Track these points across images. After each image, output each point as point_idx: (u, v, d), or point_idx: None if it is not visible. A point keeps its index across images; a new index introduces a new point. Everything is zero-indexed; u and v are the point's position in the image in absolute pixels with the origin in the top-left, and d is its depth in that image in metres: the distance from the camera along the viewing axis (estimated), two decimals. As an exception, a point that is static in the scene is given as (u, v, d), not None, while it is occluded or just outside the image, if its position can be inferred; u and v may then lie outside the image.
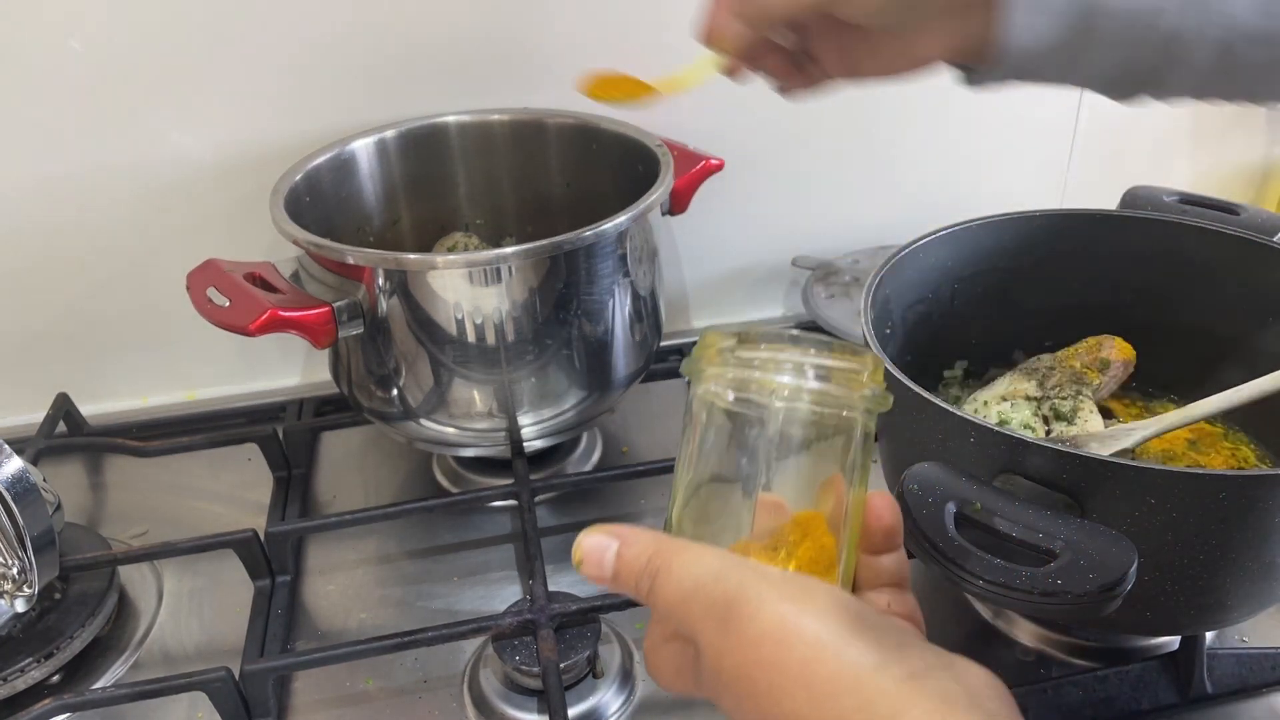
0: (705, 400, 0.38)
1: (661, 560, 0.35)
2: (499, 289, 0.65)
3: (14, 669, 0.62)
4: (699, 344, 0.39)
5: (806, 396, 0.37)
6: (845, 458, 0.38)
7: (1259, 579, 0.52)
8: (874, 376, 0.38)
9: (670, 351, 0.93)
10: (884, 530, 0.38)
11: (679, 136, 0.81)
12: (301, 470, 0.82)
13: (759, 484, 0.38)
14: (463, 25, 0.82)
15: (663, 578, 0.35)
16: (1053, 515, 0.45)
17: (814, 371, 0.37)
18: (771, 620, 0.32)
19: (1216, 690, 0.59)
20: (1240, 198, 0.91)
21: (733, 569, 0.34)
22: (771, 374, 0.37)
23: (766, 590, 0.33)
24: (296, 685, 0.64)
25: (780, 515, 0.37)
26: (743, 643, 0.32)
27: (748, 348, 0.38)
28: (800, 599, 0.32)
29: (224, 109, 0.81)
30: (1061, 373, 0.66)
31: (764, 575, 0.34)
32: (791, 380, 0.37)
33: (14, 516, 0.56)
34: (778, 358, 0.37)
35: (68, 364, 0.89)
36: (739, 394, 0.37)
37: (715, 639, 0.33)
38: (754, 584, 0.33)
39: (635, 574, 0.36)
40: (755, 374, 0.37)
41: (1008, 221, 0.70)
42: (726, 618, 0.33)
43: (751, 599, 0.32)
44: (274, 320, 0.62)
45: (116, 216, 0.83)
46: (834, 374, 0.37)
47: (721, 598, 0.33)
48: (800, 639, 0.31)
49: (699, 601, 0.33)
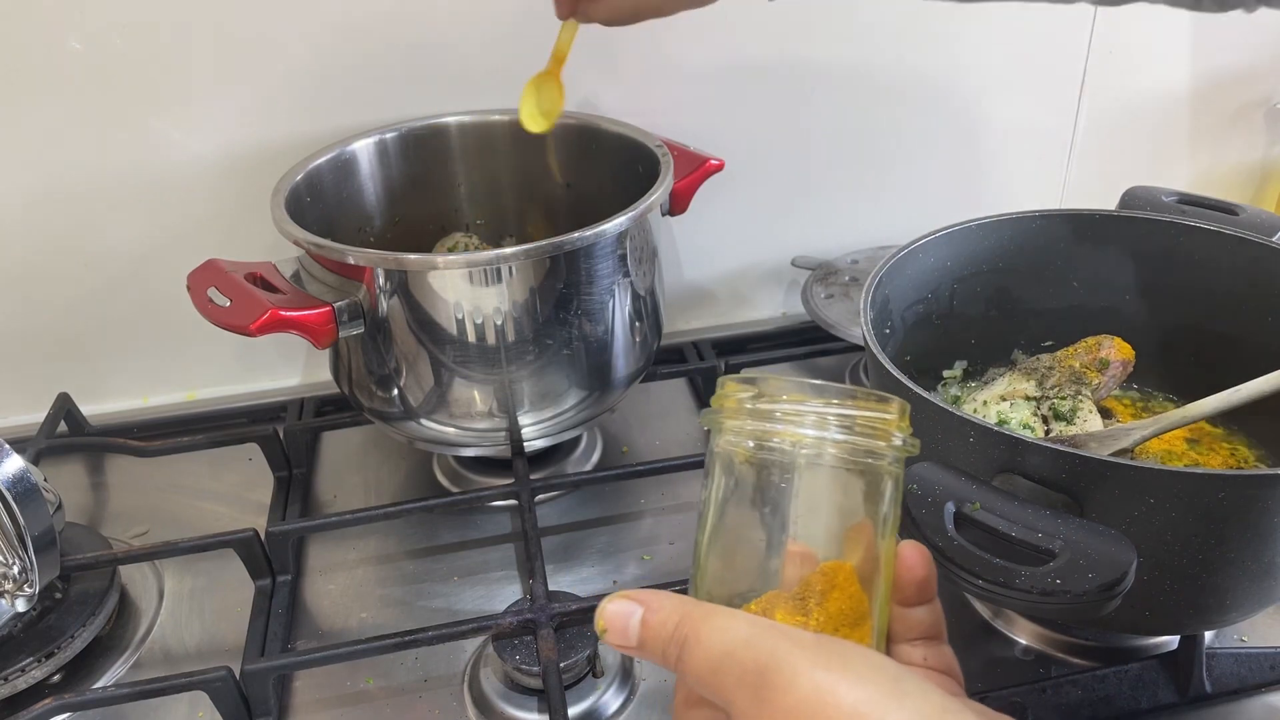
0: (726, 452, 0.38)
1: (690, 627, 0.34)
2: (499, 289, 0.65)
3: (15, 668, 0.62)
4: (717, 394, 0.38)
5: (831, 448, 0.36)
6: (874, 507, 0.37)
7: (1258, 579, 0.52)
8: (901, 423, 0.37)
9: (670, 351, 0.94)
10: (916, 582, 0.37)
11: (679, 136, 0.81)
12: (302, 470, 0.82)
13: (785, 535, 0.37)
14: (463, 25, 0.82)
15: (691, 645, 0.34)
16: (1052, 515, 0.45)
17: (837, 422, 0.36)
18: (807, 689, 0.31)
19: (1216, 690, 0.59)
20: (1240, 198, 0.91)
21: (764, 635, 0.33)
22: (794, 426, 0.36)
23: (801, 657, 0.32)
24: (297, 685, 0.64)
25: (808, 566, 0.36)
26: (777, 713, 0.31)
27: (768, 399, 0.37)
28: (836, 666, 0.31)
29: (224, 109, 0.81)
30: (1061, 372, 0.66)
31: (797, 641, 0.32)
32: (814, 433, 0.36)
33: (15, 516, 0.56)
34: (800, 409, 0.36)
35: (68, 364, 0.89)
36: (761, 446, 0.36)
37: (749, 708, 0.32)
38: (787, 651, 0.32)
39: (663, 642, 0.34)
40: (777, 426, 0.36)
41: (1008, 221, 0.70)
42: (760, 686, 0.32)
43: (785, 667, 0.31)
44: (275, 320, 0.62)
45: (117, 217, 0.84)
46: (858, 423, 0.36)
47: (754, 666, 0.32)
48: (838, 709, 0.30)
49: (731, 671, 0.32)
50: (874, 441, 0.36)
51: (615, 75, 0.86)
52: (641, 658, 0.36)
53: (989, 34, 0.91)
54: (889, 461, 0.37)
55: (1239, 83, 1.01)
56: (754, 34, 0.87)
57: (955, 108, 0.95)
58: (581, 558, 0.73)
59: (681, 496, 0.78)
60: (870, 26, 0.89)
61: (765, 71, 0.89)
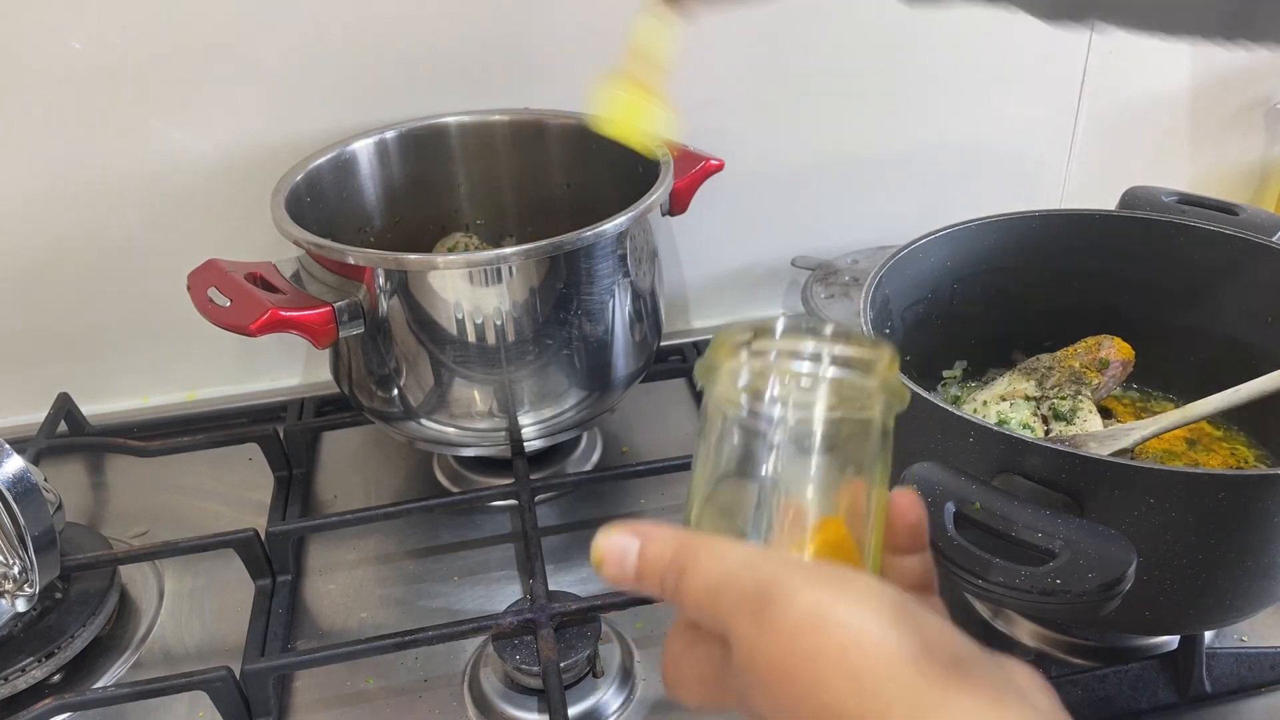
0: (719, 400, 0.38)
1: (688, 555, 0.34)
2: (499, 289, 0.65)
3: (15, 668, 0.62)
4: (712, 343, 0.38)
5: (823, 386, 0.36)
6: (865, 454, 0.36)
7: (1258, 579, 0.52)
8: (890, 368, 0.36)
9: (670, 351, 0.94)
10: (909, 528, 0.37)
11: (679, 137, 0.81)
12: (302, 470, 0.82)
13: (777, 485, 0.36)
14: (463, 25, 0.82)
15: (690, 572, 0.33)
16: (1052, 515, 0.45)
17: (830, 359, 0.36)
18: (807, 607, 0.30)
19: (1216, 690, 0.59)
20: (1240, 198, 0.91)
21: (762, 558, 0.33)
22: (787, 363, 0.36)
23: (801, 578, 0.31)
24: (297, 685, 0.64)
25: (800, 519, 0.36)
26: (778, 632, 0.30)
27: (762, 340, 0.37)
28: (836, 586, 0.31)
29: (224, 109, 0.81)
30: (1061, 372, 0.66)
31: (796, 564, 0.32)
32: (808, 368, 0.36)
33: (15, 516, 0.56)
34: (792, 347, 0.36)
35: (69, 364, 0.89)
36: (754, 390, 0.36)
37: (748, 630, 0.31)
38: (787, 573, 0.31)
39: (660, 571, 0.34)
40: (770, 365, 0.36)
41: (1007, 221, 0.70)
42: (760, 608, 0.31)
43: (785, 587, 0.31)
44: (275, 320, 0.62)
45: (117, 217, 0.84)
46: (851, 362, 0.36)
47: (753, 587, 0.31)
48: (839, 626, 0.30)
49: (729, 593, 0.32)
50: (866, 382, 0.36)
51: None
52: (637, 590, 0.35)
53: (989, 34, 0.91)
54: (880, 405, 0.36)
55: (1239, 83, 1.01)
56: (754, 33, 0.87)
57: (955, 107, 0.95)
58: (581, 558, 0.73)
59: (681, 496, 0.77)
60: (870, 26, 0.89)
61: (765, 71, 0.89)
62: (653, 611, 0.66)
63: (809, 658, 0.30)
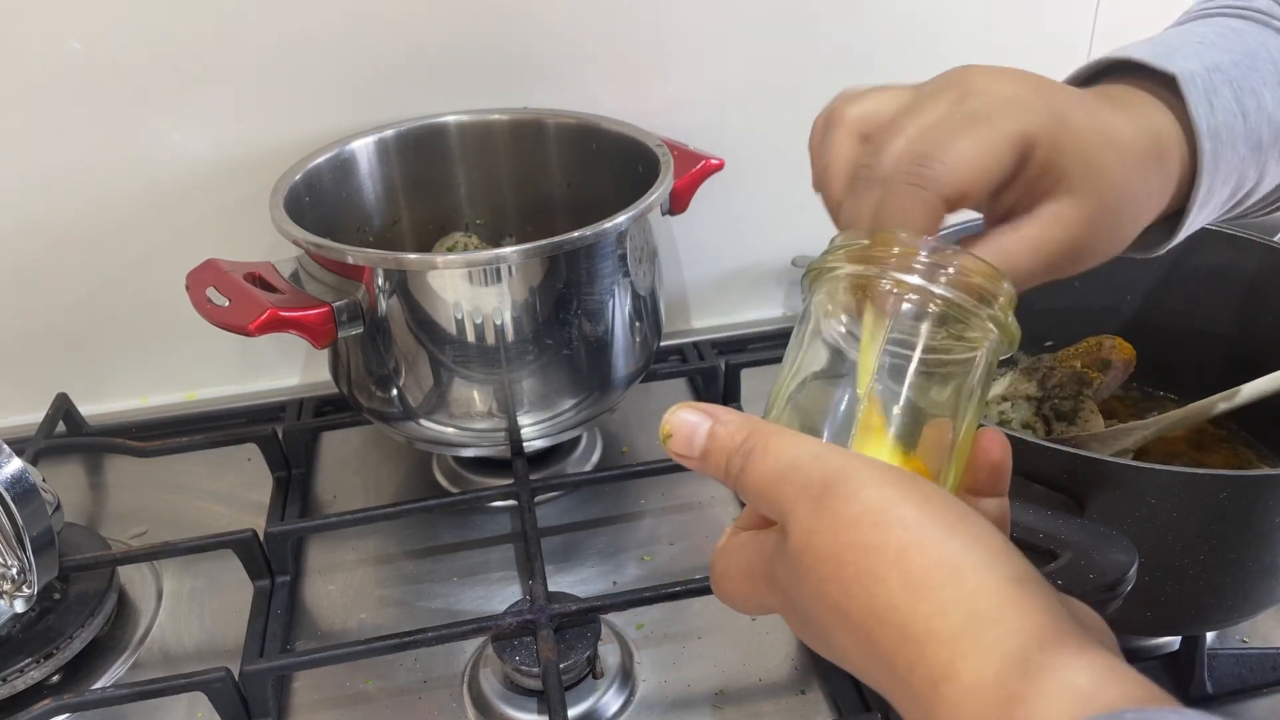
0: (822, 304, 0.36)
1: (758, 439, 0.33)
2: (499, 289, 0.65)
3: (14, 669, 0.62)
4: (829, 246, 0.36)
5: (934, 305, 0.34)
6: (960, 385, 0.35)
7: (1259, 579, 0.52)
8: (1007, 304, 0.35)
9: (670, 351, 0.93)
10: (990, 467, 0.36)
11: (679, 136, 0.81)
12: (301, 470, 0.82)
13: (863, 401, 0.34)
14: (463, 25, 0.82)
15: (757, 456, 0.32)
16: (1053, 515, 0.45)
17: (946, 278, 0.34)
18: (872, 502, 0.29)
19: (1217, 690, 0.59)
20: (1240, 198, 0.91)
21: (833, 452, 0.32)
22: (900, 276, 0.34)
23: (870, 473, 0.30)
24: (296, 685, 0.64)
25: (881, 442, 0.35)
26: (836, 523, 0.30)
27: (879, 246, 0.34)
28: (905, 486, 0.30)
29: (224, 109, 0.81)
30: (1062, 372, 0.66)
31: (867, 461, 0.31)
32: (920, 282, 0.34)
33: (13, 516, 0.56)
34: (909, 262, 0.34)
35: (67, 364, 0.89)
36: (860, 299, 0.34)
37: (807, 518, 0.30)
38: (856, 467, 0.31)
39: (728, 452, 0.33)
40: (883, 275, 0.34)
41: (1008, 221, 0.70)
42: (822, 496, 0.30)
43: (852, 479, 0.30)
44: (274, 320, 0.62)
45: (116, 216, 0.83)
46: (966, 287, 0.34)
47: (819, 477, 0.31)
48: (901, 523, 0.29)
49: (794, 480, 0.31)
50: (979, 308, 0.34)
51: (615, 75, 0.86)
52: (701, 469, 0.34)
53: (990, 32, 0.91)
54: (990, 340, 0.35)
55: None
56: (754, 33, 0.87)
57: (955, 107, 0.95)
58: (581, 558, 0.72)
59: (681, 497, 0.78)
60: (870, 25, 0.89)
61: (765, 71, 0.89)
62: (653, 613, 0.66)
63: (866, 551, 0.29)
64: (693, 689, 0.62)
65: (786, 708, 0.60)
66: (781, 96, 0.90)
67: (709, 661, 0.63)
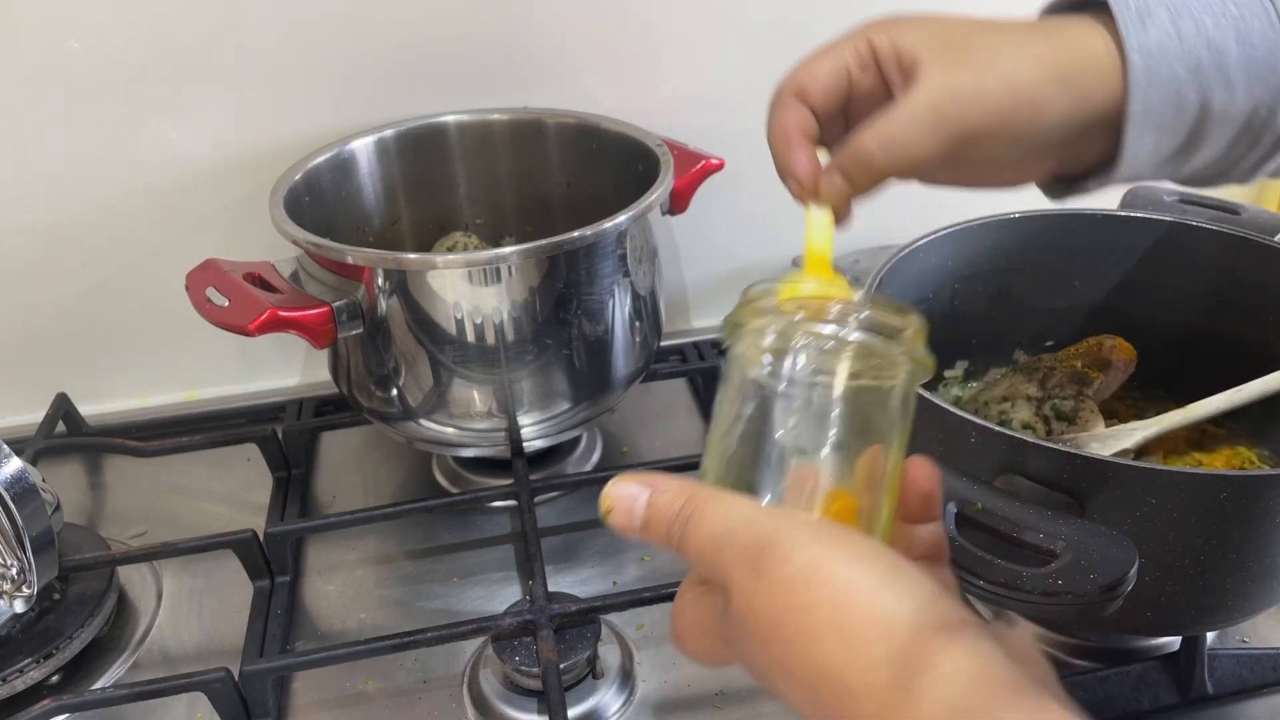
0: (741, 358, 0.37)
1: (694, 506, 0.34)
2: (499, 289, 0.65)
3: (13, 669, 0.62)
4: (740, 301, 0.38)
5: (847, 349, 0.35)
6: (883, 421, 0.36)
7: (1259, 579, 0.52)
8: (916, 336, 0.36)
9: (670, 351, 0.93)
10: (921, 496, 0.37)
11: (679, 136, 0.81)
12: (301, 470, 0.82)
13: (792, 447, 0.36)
14: (462, 25, 0.82)
15: (694, 523, 0.34)
16: (1053, 515, 0.45)
17: (856, 323, 0.35)
18: (804, 563, 0.31)
19: (1217, 691, 0.59)
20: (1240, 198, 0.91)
21: (766, 514, 0.33)
22: (811, 325, 0.36)
23: (801, 534, 0.32)
24: (296, 685, 0.64)
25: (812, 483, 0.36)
26: (773, 586, 0.31)
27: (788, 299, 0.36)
28: (834, 544, 0.32)
29: (224, 109, 0.81)
30: (1062, 373, 0.66)
31: (798, 520, 0.33)
32: (833, 330, 0.35)
33: (13, 517, 0.56)
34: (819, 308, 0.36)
35: (67, 364, 0.88)
36: (776, 350, 0.36)
37: (745, 582, 0.32)
38: (788, 528, 0.32)
39: (667, 521, 0.34)
40: (795, 325, 0.36)
41: (1008, 221, 0.70)
42: (758, 560, 0.32)
43: (784, 542, 0.32)
44: (273, 320, 0.62)
45: (116, 216, 0.83)
46: (876, 327, 0.36)
47: (753, 541, 0.32)
48: (831, 582, 0.30)
49: (731, 545, 0.33)
50: (891, 348, 0.36)
51: (615, 75, 0.86)
52: (645, 539, 0.35)
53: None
54: (904, 373, 0.36)
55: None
56: (754, 33, 0.87)
57: (955, 107, 0.95)
58: (581, 558, 0.72)
59: (681, 497, 0.77)
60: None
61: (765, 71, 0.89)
62: (653, 613, 0.66)
63: (801, 612, 0.31)
64: (693, 689, 0.62)
65: (786, 708, 0.60)
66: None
67: (709, 662, 0.63)
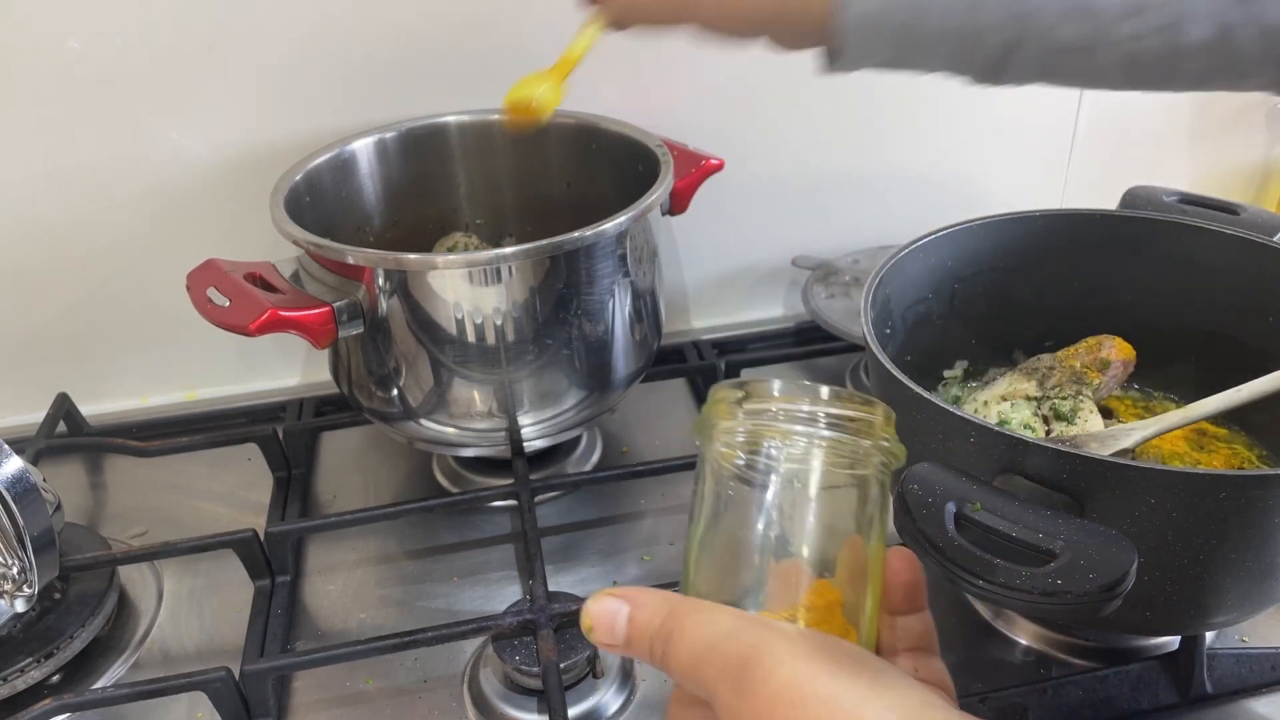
0: (715, 458, 0.37)
1: (675, 622, 0.34)
2: (499, 289, 0.65)
3: (14, 669, 0.62)
4: (708, 401, 0.38)
5: (819, 446, 0.36)
6: (860, 513, 0.36)
7: (1259, 579, 0.52)
8: (886, 427, 0.37)
9: (670, 351, 0.93)
10: (904, 587, 0.37)
11: (679, 136, 0.81)
12: (301, 470, 0.82)
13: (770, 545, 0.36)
14: (463, 25, 0.82)
15: (676, 639, 0.34)
16: (1053, 515, 0.45)
17: (825, 420, 0.36)
18: (786, 678, 0.31)
19: (1216, 690, 0.59)
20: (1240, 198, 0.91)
21: (747, 627, 0.33)
22: (782, 424, 0.36)
23: (782, 648, 0.32)
24: (296, 685, 0.64)
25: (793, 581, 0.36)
26: (757, 703, 0.31)
27: (757, 400, 0.37)
28: (816, 656, 0.31)
29: (224, 109, 0.81)
30: (1061, 372, 0.66)
31: (780, 633, 0.33)
32: (803, 429, 0.36)
33: (14, 516, 0.56)
34: (787, 408, 0.36)
35: (68, 364, 0.89)
36: (750, 449, 0.36)
37: (730, 700, 0.32)
38: (769, 642, 0.32)
39: (649, 638, 0.34)
40: (765, 425, 0.36)
41: (1008, 221, 0.70)
42: (740, 677, 0.32)
43: (766, 657, 0.31)
44: (274, 320, 0.62)
45: (116, 216, 0.84)
46: (845, 423, 0.36)
47: (735, 657, 0.32)
48: (816, 698, 0.30)
49: (713, 662, 0.32)
50: (861, 442, 0.36)
51: (615, 75, 0.86)
52: (628, 655, 0.36)
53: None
54: (876, 464, 0.36)
55: (1239, 82, 1.00)
56: (754, 34, 0.87)
57: (956, 107, 0.95)
58: (581, 558, 0.73)
59: (681, 496, 0.78)
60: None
61: (765, 71, 0.89)
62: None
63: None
64: (693, 689, 0.62)
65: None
66: (781, 97, 0.90)
67: (709, 661, 0.63)
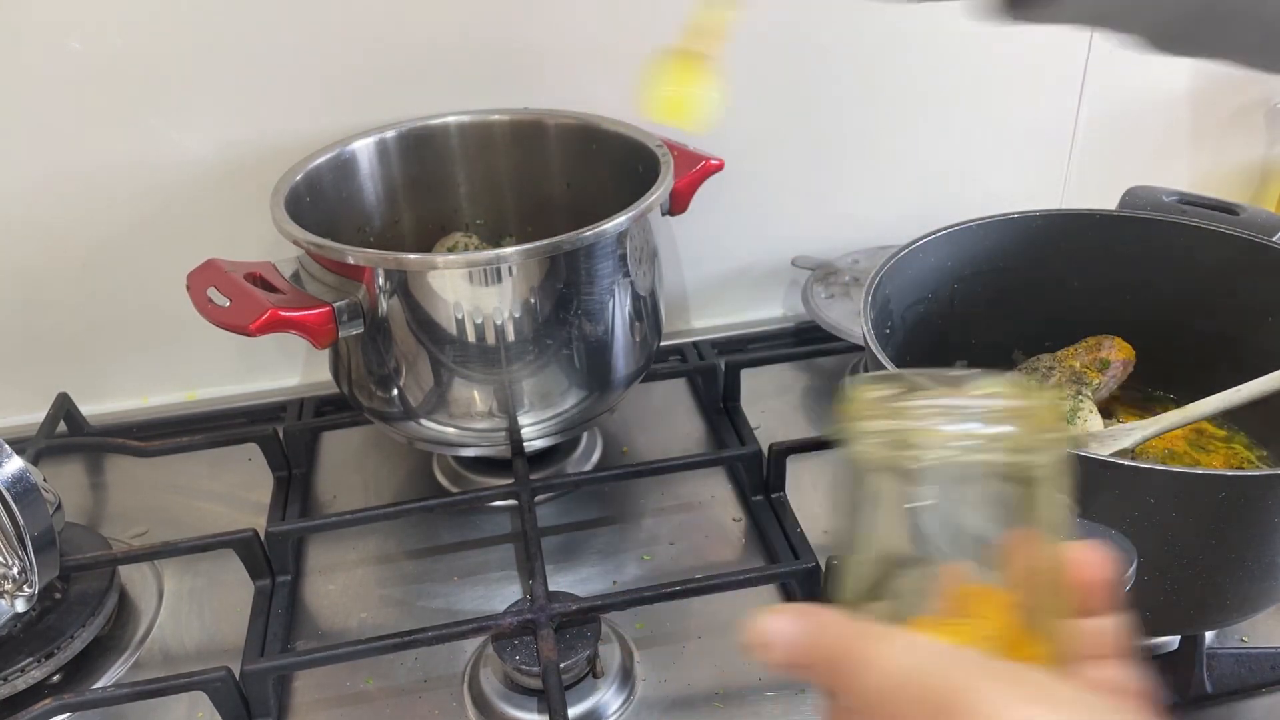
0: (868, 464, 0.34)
1: (863, 647, 0.32)
2: (499, 289, 0.65)
3: (14, 669, 0.62)
4: (852, 402, 0.34)
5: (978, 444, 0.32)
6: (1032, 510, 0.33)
7: (1259, 579, 0.52)
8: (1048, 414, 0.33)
9: (670, 351, 0.93)
10: (1090, 587, 0.34)
11: (679, 136, 0.81)
12: (301, 470, 0.82)
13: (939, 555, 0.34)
14: (463, 25, 0.82)
15: (865, 667, 0.31)
16: (1053, 515, 0.45)
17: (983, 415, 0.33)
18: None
19: (1216, 690, 0.59)
20: (1240, 198, 0.91)
21: (945, 663, 0.31)
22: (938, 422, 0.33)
23: (987, 688, 0.29)
24: (296, 685, 0.64)
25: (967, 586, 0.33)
26: None
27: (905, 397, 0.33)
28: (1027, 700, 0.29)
29: (224, 109, 0.81)
30: (1061, 372, 0.66)
31: (982, 669, 0.30)
32: (959, 427, 0.32)
33: (14, 516, 0.56)
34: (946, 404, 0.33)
35: (68, 364, 0.89)
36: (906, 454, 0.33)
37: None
38: (970, 680, 0.30)
39: (832, 661, 0.32)
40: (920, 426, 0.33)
41: (1008, 221, 0.70)
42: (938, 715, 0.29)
43: (970, 698, 0.29)
44: (274, 320, 0.62)
45: (116, 216, 0.83)
46: (1006, 416, 0.33)
47: (936, 693, 0.30)
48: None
49: (908, 694, 0.30)
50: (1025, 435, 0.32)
51: (615, 75, 0.86)
52: (803, 677, 0.33)
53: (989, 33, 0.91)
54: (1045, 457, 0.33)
55: (1239, 83, 1.01)
56: (754, 34, 0.87)
57: (955, 107, 0.95)
58: (581, 558, 0.73)
59: (681, 496, 0.78)
60: (872, 26, 0.89)
61: (765, 71, 0.89)
62: (653, 612, 0.66)
63: None
64: (693, 689, 0.62)
65: (786, 707, 0.60)
66: (781, 96, 0.90)
67: (709, 661, 0.63)
